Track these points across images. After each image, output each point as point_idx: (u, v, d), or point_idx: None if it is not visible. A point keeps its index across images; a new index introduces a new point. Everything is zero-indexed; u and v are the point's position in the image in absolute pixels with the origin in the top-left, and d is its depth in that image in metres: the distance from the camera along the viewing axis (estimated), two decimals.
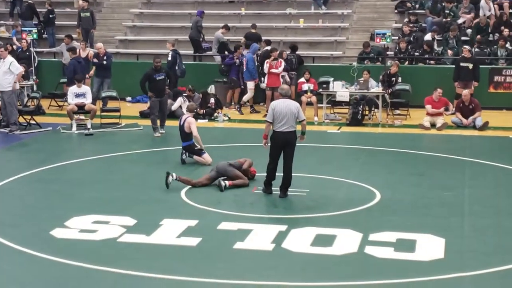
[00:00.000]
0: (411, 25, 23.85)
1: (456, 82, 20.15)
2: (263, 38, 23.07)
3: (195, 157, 14.24)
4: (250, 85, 21.12)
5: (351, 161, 14.81)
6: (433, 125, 18.39)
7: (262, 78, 21.30)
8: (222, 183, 12.31)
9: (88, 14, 25.22)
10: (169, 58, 21.14)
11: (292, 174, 11.87)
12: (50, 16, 26.33)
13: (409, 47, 22.58)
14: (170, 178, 12.31)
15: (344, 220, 10.64)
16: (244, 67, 21.23)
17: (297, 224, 10.34)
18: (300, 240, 9.63)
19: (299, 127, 11.91)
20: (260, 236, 9.81)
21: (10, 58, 18.05)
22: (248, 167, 12.79)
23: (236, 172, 12.57)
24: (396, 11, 25.66)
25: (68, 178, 13.44)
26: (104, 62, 20.76)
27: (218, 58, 23.95)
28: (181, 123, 14.32)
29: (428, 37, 22.79)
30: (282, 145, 11.73)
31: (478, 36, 22.55)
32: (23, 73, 20.10)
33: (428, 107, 18.68)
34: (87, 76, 20.32)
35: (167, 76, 17.91)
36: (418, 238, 9.70)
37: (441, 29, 23.33)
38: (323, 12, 26.08)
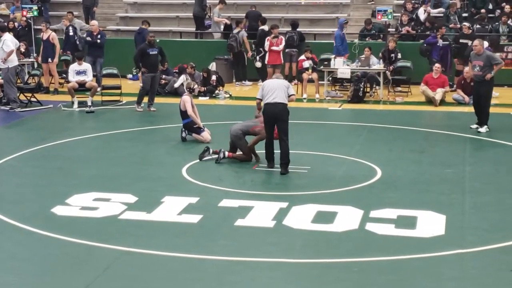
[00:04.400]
0: (413, 1, 23.72)
1: (456, 58, 20.06)
2: (264, 15, 22.99)
3: (194, 135, 14.23)
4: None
5: (352, 138, 14.79)
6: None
7: (257, 57, 21.29)
8: (221, 154, 12.43)
9: None
10: (71, 33, 21.32)
11: (294, 151, 11.86)
12: None
13: (412, 23, 22.46)
14: (206, 154, 12.67)
15: (345, 197, 10.64)
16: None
17: (298, 201, 10.34)
18: (301, 217, 9.64)
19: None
20: (261, 213, 9.82)
21: (5, 36, 17.86)
22: (253, 144, 12.61)
23: (245, 149, 12.54)
24: None
25: (69, 155, 13.44)
26: (98, 41, 20.56)
27: (217, 35, 23.93)
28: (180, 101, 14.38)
29: (421, 11, 22.66)
30: (273, 117, 11.80)
31: (483, 10, 22.41)
32: (23, 50, 20.06)
33: (422, 85, 18.65)
34: (49, 60, 20.20)
35: (160, 53, 17.81)
36: (419, 214, 9.71)
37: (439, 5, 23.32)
38: None
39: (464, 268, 8.04)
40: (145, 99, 17.67)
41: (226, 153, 12.52)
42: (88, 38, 20.74)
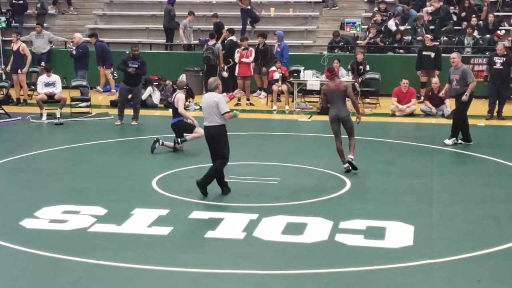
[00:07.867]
0: (382, 14, 23.94)
1: (419, 70, 20.26)
2: (233, 27, 23.06)
3: (188, 137, 14.18)
4: None
5: (322, 149, 14.86)
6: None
7: (225, 67, 21.34)
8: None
9: None
10: None
11: (264, 163, 11.92)
12: (20, 1, 25.99)
13: (380, 36, 22.67)
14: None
15: (314, 208, 10.70)
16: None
17: (268, 212, 10.38)
18: (271, 229, 9.67)
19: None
20: (231, 225, 9.84)
21: None
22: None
23: None
24: (366, 0, 25.77)
25: (38, 168, 13.35)
26: (74, 53, 20.47)
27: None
28: (173, 99, 14.46)
29: (391, 23, 22.91)
30: (209, 139, 11.37)
31: (445, 27, 22.72)
32: None
33: (394, 99, 18.80)
34: (19, 71, 20.07)
35: (140, 66, 17.28)
36: (387, 225, 9.80)
37: (407, 18, 23.59)
38: (293, 1, 26.12)
39: (432, 279, 8.12)
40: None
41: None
42: (72, 51, 20.62)
